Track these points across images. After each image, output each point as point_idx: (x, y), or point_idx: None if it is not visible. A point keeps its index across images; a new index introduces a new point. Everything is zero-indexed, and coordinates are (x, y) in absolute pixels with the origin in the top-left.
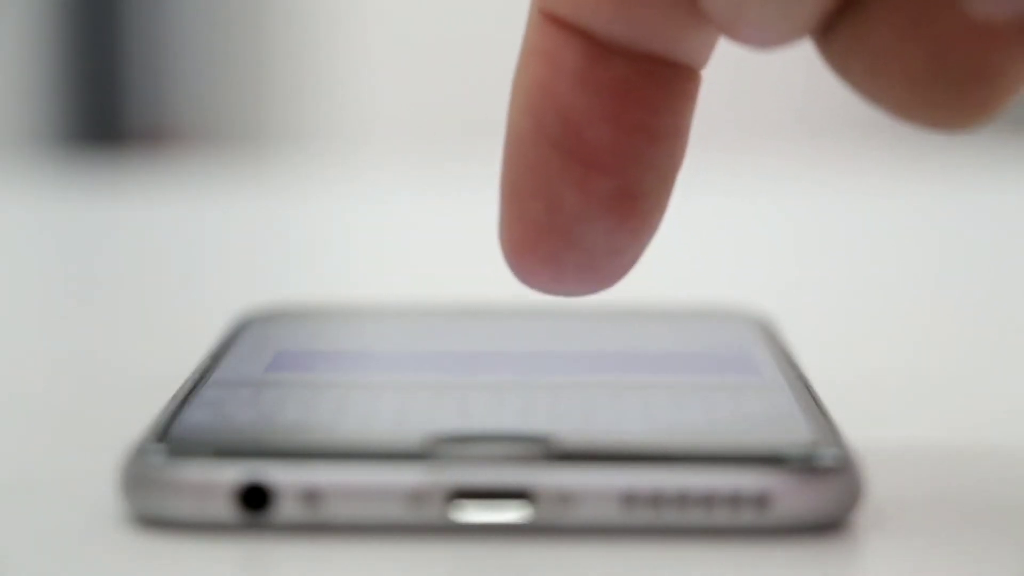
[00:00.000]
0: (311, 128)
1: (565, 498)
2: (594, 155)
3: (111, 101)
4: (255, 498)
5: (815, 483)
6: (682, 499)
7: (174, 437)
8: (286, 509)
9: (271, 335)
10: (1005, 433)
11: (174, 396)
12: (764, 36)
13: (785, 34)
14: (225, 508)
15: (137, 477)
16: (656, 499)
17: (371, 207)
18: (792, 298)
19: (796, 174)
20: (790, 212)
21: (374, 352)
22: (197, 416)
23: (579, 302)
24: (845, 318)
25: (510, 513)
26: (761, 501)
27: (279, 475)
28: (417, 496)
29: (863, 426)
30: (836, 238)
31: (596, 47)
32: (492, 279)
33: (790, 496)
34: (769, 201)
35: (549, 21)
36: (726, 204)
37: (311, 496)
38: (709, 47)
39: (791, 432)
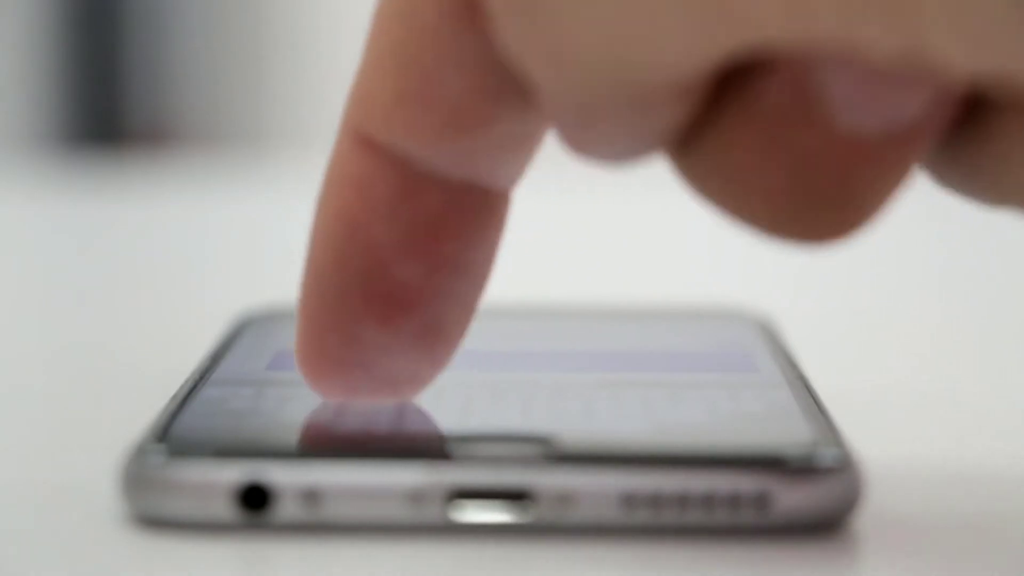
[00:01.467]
0: (311, 128)
1: (565, 498)
2: (399, 294)
3: (111, 101)
4: (255, 498)
5: (815, 483)
6: (682, 499)
7: (174, 437)
8: (286, 509)
9: (271, 335)
10: (1005, 435)
11: (174, 396)
12: (609, 153)
13: (632, 149)
14: (225, 508)
15: (137, 477)
16: (656, 499)
17: None
18: (792, 298)
19: None
20: None
21: None
22: (197, 416)
23: (579, 302)
24: (846, 319)
25: (510, 513)
26: (761, 501)
27: (279, 475)
28: (417, 496)
29: (863, 427)
30: None
31: (410, 177)
32: (492, 278)
33: (790, 496)
34: None
35: (362, 144)
36: None
37: (311, 496)
38: (525, 168)
39: (791, 432)
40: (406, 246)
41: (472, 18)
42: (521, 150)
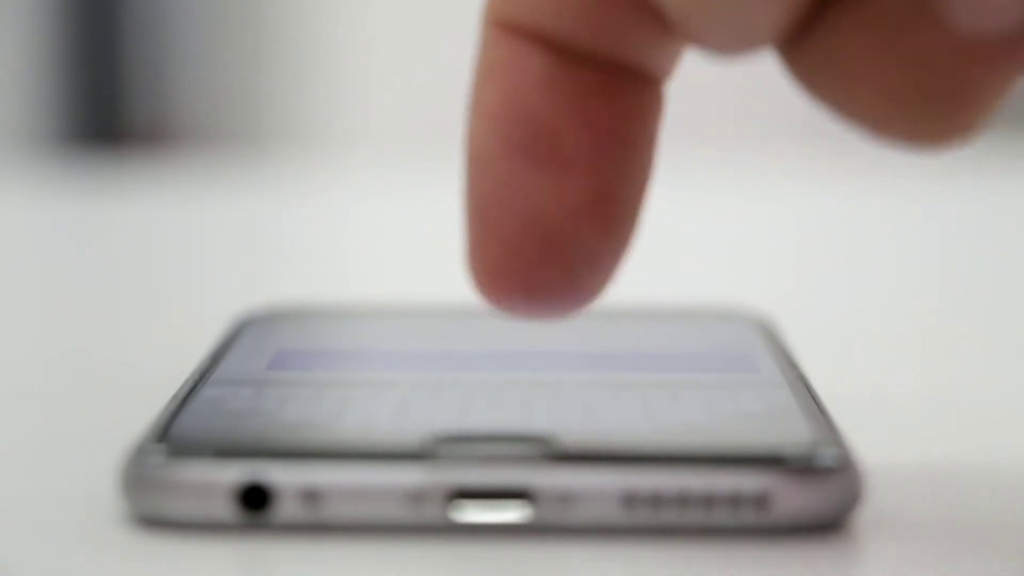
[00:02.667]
0: (310, 128)
1: (565, 498)
2: (568, 160)
3: (111, 101)
4: (255, 498)
5: (815, 483)
6: (682, 499)
7: (174, 437)
8: (286, 509)
9: (271, 335)
10: (1005, 435)
11: (174, 396)
12: (723, 43)
13: (746, 42)
14: (225, 508)
15: (137, 477)
16: (656, 499)
17: (371, 207)
18: (792, 298)
19: (797, 173)
20: (791, 212)
21: (374, 352)
22: (197, 416)
23: None
24: (846, 318)
25: (510, 513)
26: (761, 501)
27: (279, 475)
28: (417, 496)
29: (863, 427)
30: (837, 238)
31: (560, 54)
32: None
33: (790, 496)
34: (770, 201)
35: (508, 32)
36: (727, 204)
37: (311, 496)
38: (675, 57)
39: (791, 432)
40: (566, 115)
41: None
42: (655, 37)
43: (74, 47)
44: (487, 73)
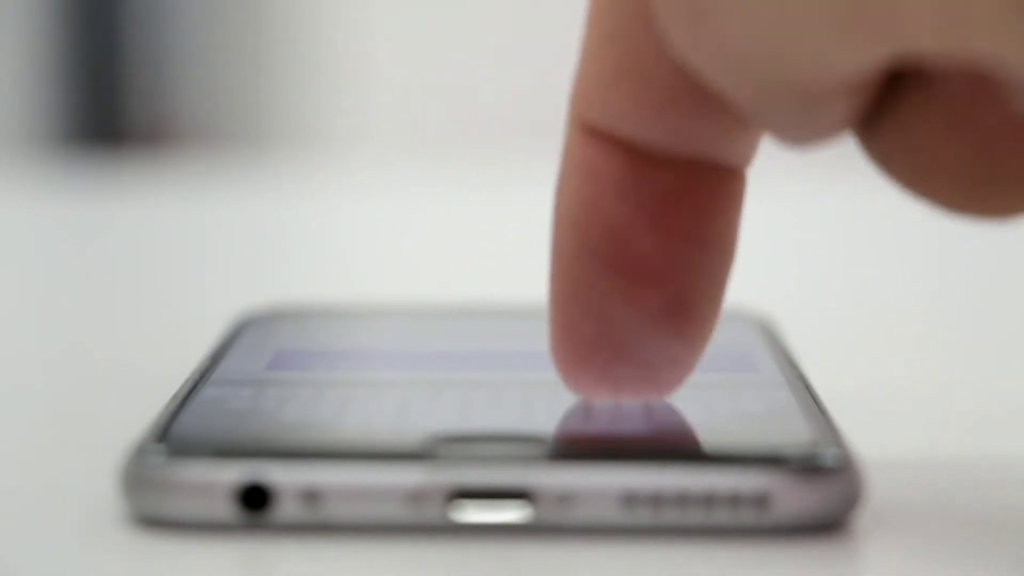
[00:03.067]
0: (311, 128)
1: (565, 498)
2: (642, 268)
3: (111, 101)
4: (255, 498)
5: (815, 483)
6: (682, 499)
7: (174, 437)
8: (286, 509)
9: (271, 335)
10: (1005, 434)
11: (174, 396)
12: (796, 136)
13: (817, 133)
14: (225, 508)
15: (137, 477)
16: (656, 499)
17: (371, 207)
18: (793, 298)
19: (797, 173)
20: (791, 212)
21: (374, 352)
22: (197, 416)
23: None
24: (846, 318)
25: (510, 513)
26: (761, 501)
27: (279, 475)
28: (417, 496)
29: (863, 427)
30: (838, 238)
31: (637, 157)
32: (492, 278)
33: (790, 496)
34: (770, 201)
35: (588, 133)
36: None
37: (311, 496)
38: (753, 146)
39: (791, 432)
40: (641, 222)
41: None
42: (743, 131)
43: (74, 47)
44: (568, 174)
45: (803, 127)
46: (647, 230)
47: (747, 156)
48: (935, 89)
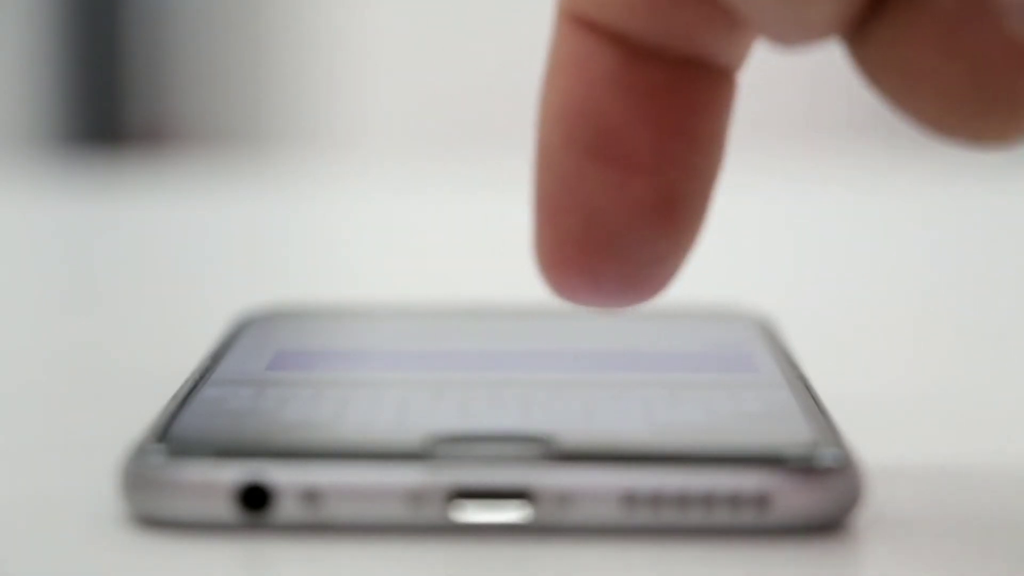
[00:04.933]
0: (310, 128)
1: (565, 498)
2: (632, 159)
3: (111, 101)
4: (255, 498)
5: (815, 483)
6: (682, 499)
7: (174, 437)
8: (286, 509)
9: (271, 335)
10: (1005, 435)
11: (174, 396)
12: (787, 33)
13: (809, 32)
14: (225, 508)
15: (137, 477)
16: (656, 499)
17: (371, 207)
18: (792, 298)
19: (797, 173)
20: (791, 211)
21: (374, 352)
22: (197, 416)
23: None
24: (846, 318)
25: (510, 513)
26: (761, 501)
27: (279, 475)
28: (417, 496)
29: (863, 427)
30: (837, 238)
31: (630, 51)
32: (492, 278)
33: (790, 496)
34: (770, 200)
35: (578, 26)
36: (726, 203)
37: (311, 496)
38: (745, 48)
39: (791, 432)
40: (633, 114)
41: None
42: (734, 30)
43: (74, 47)
44: (556, 68)
45: (792, 25)
46: (637, 123)
47: (739, 57)
48: (929, 7)
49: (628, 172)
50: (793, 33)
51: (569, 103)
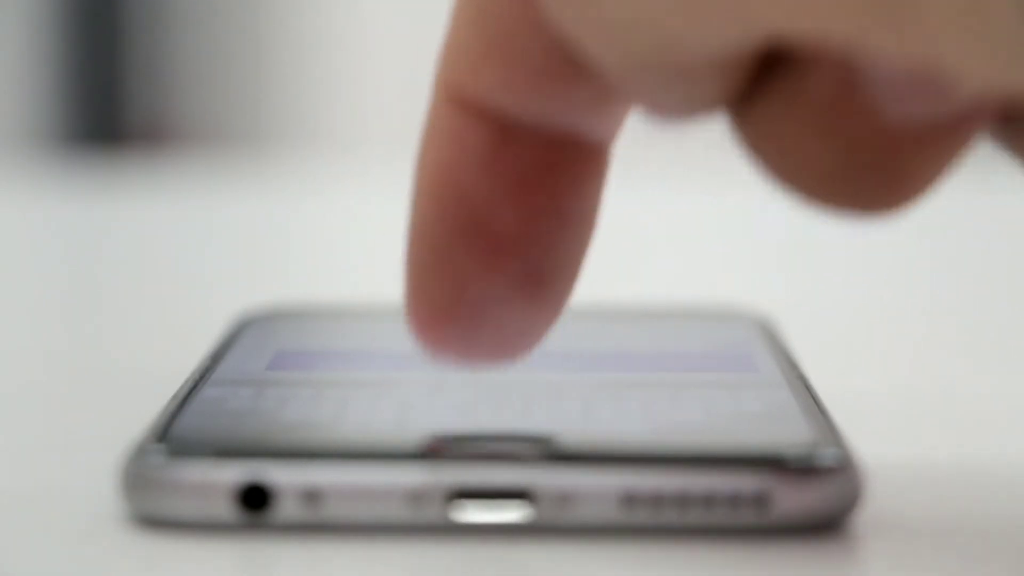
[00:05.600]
0: (311, 128)
1: (565, 498)
2: (499, 240)
3: (111, 101)
4: (255, 498)
5: (815, 483)
6: (682, 499)
7: (174, 437)
8: (286, 509)
9: (271, 335)
10: (1006, 435)
11: (174, 396)
12: (671, 110)
13: (687, 112)
14: (225, 508)
15: (137, 477)
16: (656, 499)
17: (371, 207)
18: (792, 298)
19: None
20: (791, 212)
21: (374, 352)
22: (197, 416)
23: (578, 302)
24: (846, 318)
25: (510, 513)
26: (761, 501)
27: (279, 475)
28: (417, 496)
29: (863, 427)
30: (837, 238)
31: (502, 130)
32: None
33: (790, 496)
34: (770, 200)
35: (453, 102)
36: (726, 204)
37: (311, 496)
38: (620, 122)
39: (791, 432)
40: (501, 195)
41: None
42: (611, 106)
43: (74, 47)
44: (430, 141)
45: (675, 102)
46: (507, 203)
47: (612, 132)
48: (807, 80)
49: (496, 252)
50: (678, 109)
51: (441, 178)
